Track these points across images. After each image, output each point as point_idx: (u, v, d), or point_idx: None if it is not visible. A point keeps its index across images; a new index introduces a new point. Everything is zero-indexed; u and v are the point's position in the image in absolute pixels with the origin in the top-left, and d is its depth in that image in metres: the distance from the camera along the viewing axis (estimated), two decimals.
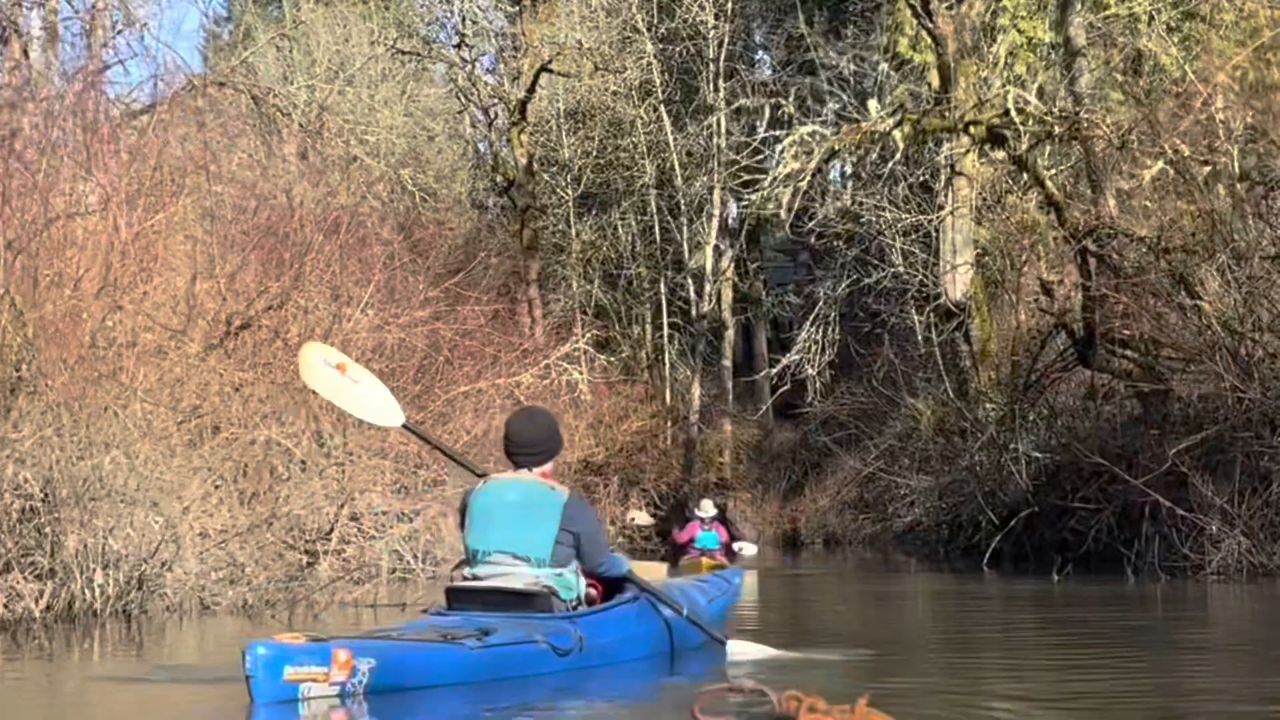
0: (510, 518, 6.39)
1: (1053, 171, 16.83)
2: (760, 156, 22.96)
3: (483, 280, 27.57)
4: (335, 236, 16.68)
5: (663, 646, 6.86)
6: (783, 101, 18.86)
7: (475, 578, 6.45)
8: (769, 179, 17.06)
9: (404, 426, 7.59)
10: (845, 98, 20.74)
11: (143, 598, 10.00)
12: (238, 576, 11.11)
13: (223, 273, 15.40)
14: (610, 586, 6.87)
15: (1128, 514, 15.16)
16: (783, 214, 17.20)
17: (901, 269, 24.06)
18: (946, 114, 15.78)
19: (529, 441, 6.63)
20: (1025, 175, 16.63)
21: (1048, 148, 18.08)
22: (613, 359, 27.43)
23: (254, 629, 9.49)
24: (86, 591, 9.73)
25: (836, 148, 15.77)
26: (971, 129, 15.67)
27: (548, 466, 6.68)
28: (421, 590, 13.15)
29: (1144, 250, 15.17)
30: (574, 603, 6.49)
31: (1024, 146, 15.20)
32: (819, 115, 20.08)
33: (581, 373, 17.79)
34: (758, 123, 24.97)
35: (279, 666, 5.22)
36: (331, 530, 14.64)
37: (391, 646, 5.67)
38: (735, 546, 20.48)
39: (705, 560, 18.68)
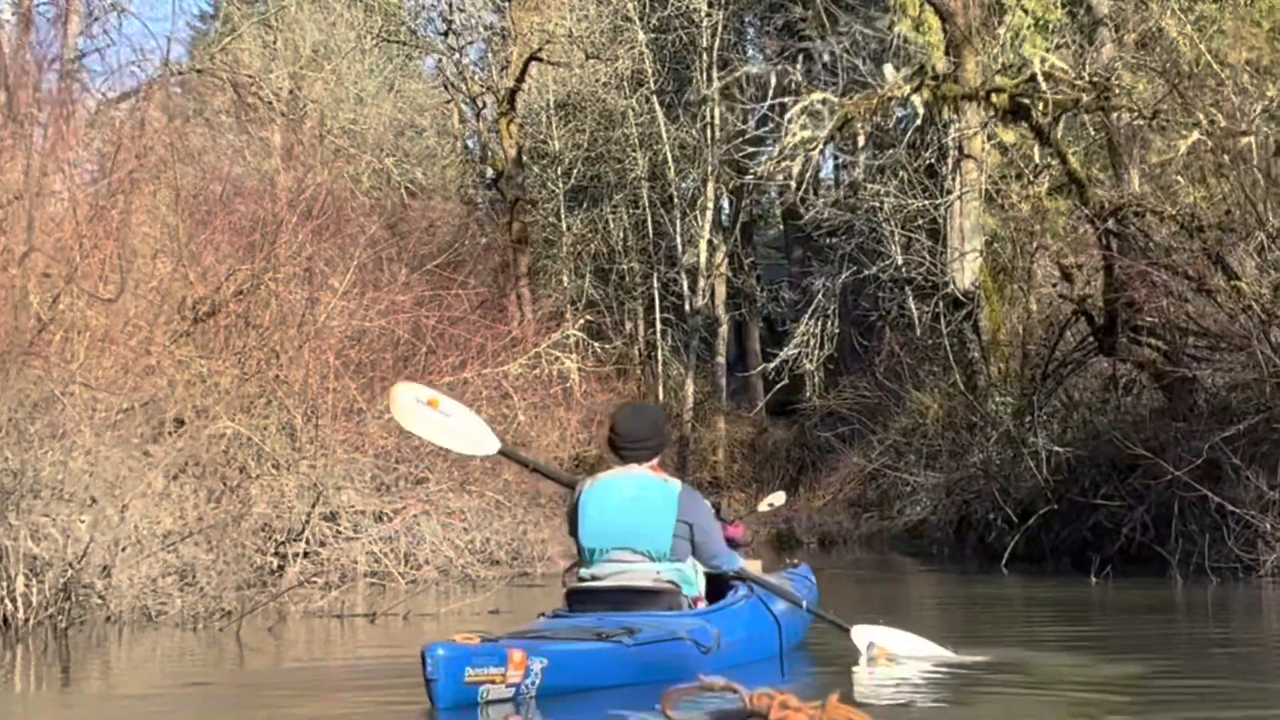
0: (626, 513, 6.13)
1: (1070, 150, 15.41)
2: (765, 128, 21.28)
3: (470, 274, 26.31)
4: (311, 218, 15.25)
5: (776, 644, 6.52)
6: (790, 69, 17.42)
7: (595, 577, 6.18)
8: (777, 149, 15.64)
9: (500, 452, 7.27)
10: (860, 63, 19.23)
11: (72, 608, 8.56)
12: (190, 583, 9.68)
13: (187, 252, 13.96)
14: (713, 584, 6.55)
15: (1162, 511, 13.79)
16: (792, 185, 15.80)
17: (899, 260, 22.66)
18: (969, 79, 14.41)
19: (638, 436, 6.31)
20: (1046, 150, 15.24)
21: (1061, 126, 16.66)
22: (607, 347, 25.96)
23: (204, 644, 8.08)
24: (8, 601, 8.30)
25: (851, 115, 14.41)
26: (994, 96, 14.29)
27: (655, 462, 6.36)
28: (401, 597, 11.74)
29: (1175, 229, 13.77)
30: (696, 598, 6.27)
31: (1048, 117, 13.78)
32: (832, 84, 18.53)
33: (573, 361, 16.34)
34: (751, 113, 23.55)
35: (460, 669, 4.97)
36: (303, 531, 13.21)
37: (560, 646, 5.36)
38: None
39: None
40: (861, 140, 17.07)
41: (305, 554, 13.60)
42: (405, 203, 27.07)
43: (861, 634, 6.61)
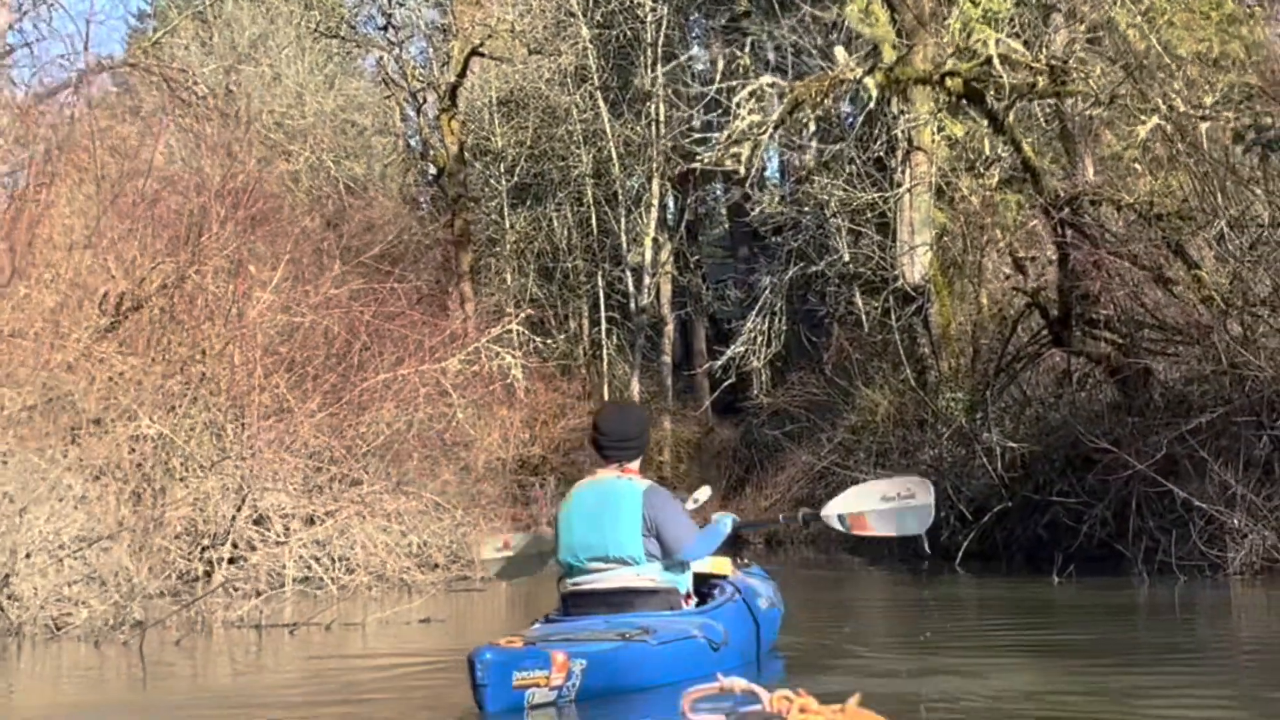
0: (592, 524, 6.01)
1: (1026, 140, 14.87)
2: (715, 113, 20.48)
3: (411, 271, 25.54)
4: (239, 209, 14.48)
5: (759, 641, 6.49)
6: (738, 53, 16.77)
7: (577, 584, 6.06)
8: (724, 135, 14.99)
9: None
10: (810, 46, 18.55)
11: None
12: (100, 592, 8.92)
13: (107, 244, 13.18)
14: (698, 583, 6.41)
15: (1121, 508, 13.28)
16: (741, 171, 15.17)
17: (846, 256, 22.09)
18: (921, 65, 13.82)
19: (621, 435, 6.19)
20: (1000, 138, 14.71)
21: (1012, 116, 16.11)
22: (549, 341, 25.22)
23: (103, 659, 7.35)
24: None
25: (801, 98, 13.80)
26: (949, 81, 13.71)
27: (635, 463, 6.23)
28: (334, 603, 11.02)
29: (1133, 218, 13.26)
30: (687, 595, 6.16)
31: (1003, 102, 13.22)
32: (780, 70, 17.79)
33: (515, 357, 15.63)
34: (698, 99, 22.87)
35: (508, 673, 4.87)
36: (228, 535, 12.46)
37: (595, 647, 5.25)
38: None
39: None
40: (812, 126, 16.44)
41: (232, 560, 12.87)
42: (345, 201, 26.26)
43: (830, 513, 6.68)
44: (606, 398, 29.79)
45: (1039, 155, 14.56)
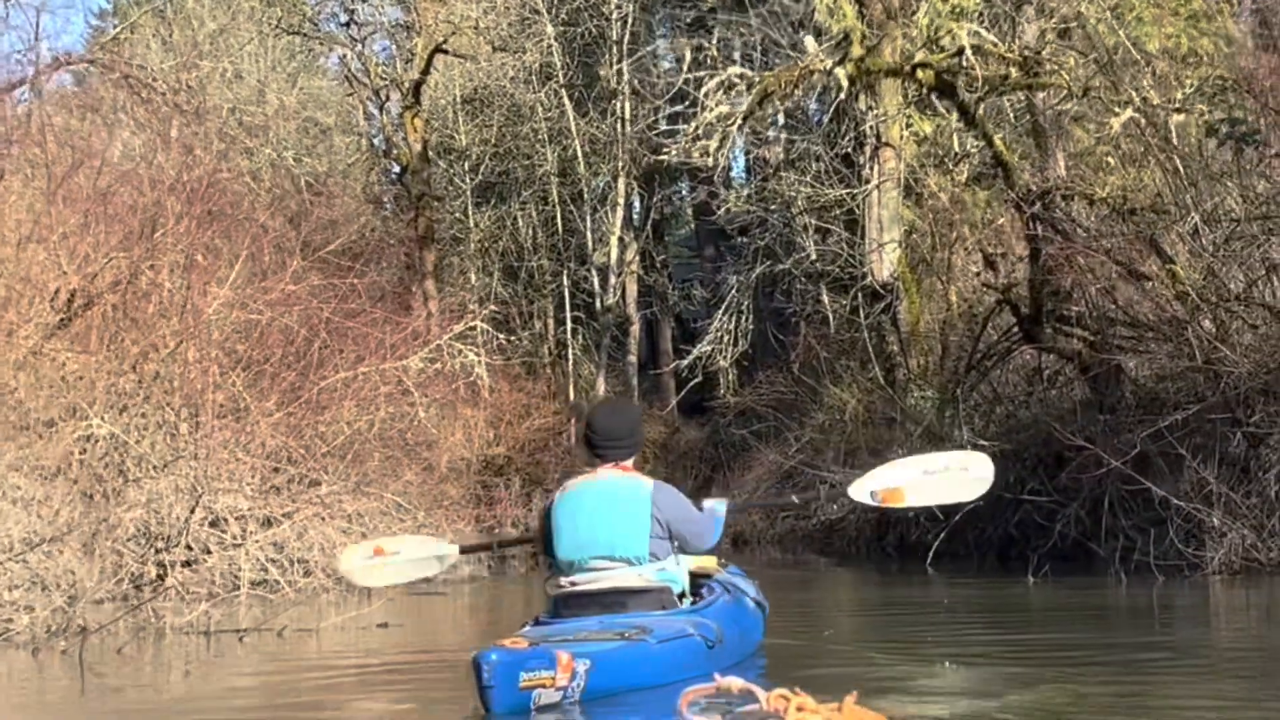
0: (598, 521, 5.85)
1: (998, 135, 14.57)
2: (681, 104, 19.96)
3: (372, 268, 25.09)
4: (194, 204, 14.05)
5: (754, 638, 6.43)
6: (705, 44, 16.40)
7: (574, 584, 5.89)
8: (693, 126, 14.64)
9: (462, 551, 7.23)
10: (780, 37, 18.13)
11: None
12: (44, 597, 8.50)
13: (58, 239, 12.74)
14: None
15: (1094, 506, 13.02)
16: (709, 163, 14.83)
17: (813, 253, 21.78)
18: (890, 57, 13.49)
19: (615, 434, 6.02)
20: (970, 131, 14.43)
21: (982, 110, 15.82)
22: (512, 339, 24.78)
23: (36, 666, 6.94)
24: None
25: (770, 88, 13.46)
26: (920, 73, 13.41)
27: (629, 462, 6.06)
28: (290, 608, 10.61)
29: (1106, 212, 13.00)
30: (682, 594, 6.01)
31: (975, 94, 12.92)
32: (748, 63, 17.34)
33: (478, 355, 15.21)
34: (665, 91, 22.50)
35: (515, 674, 4.76)
36: (182, 536, 12.03)
37: (598, 647, 5.13)
38: None
39: None
40: (780, 119, 16.10)
41: (188, 563, 12.45)
42: (308, 199, 25.77)
43: (859, 488, 6.58)
44: (572, 398, 29.43)
45: (1010, 150, 14.28)
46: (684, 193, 36.75)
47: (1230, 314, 12.83)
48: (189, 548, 12.41)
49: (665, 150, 16.21)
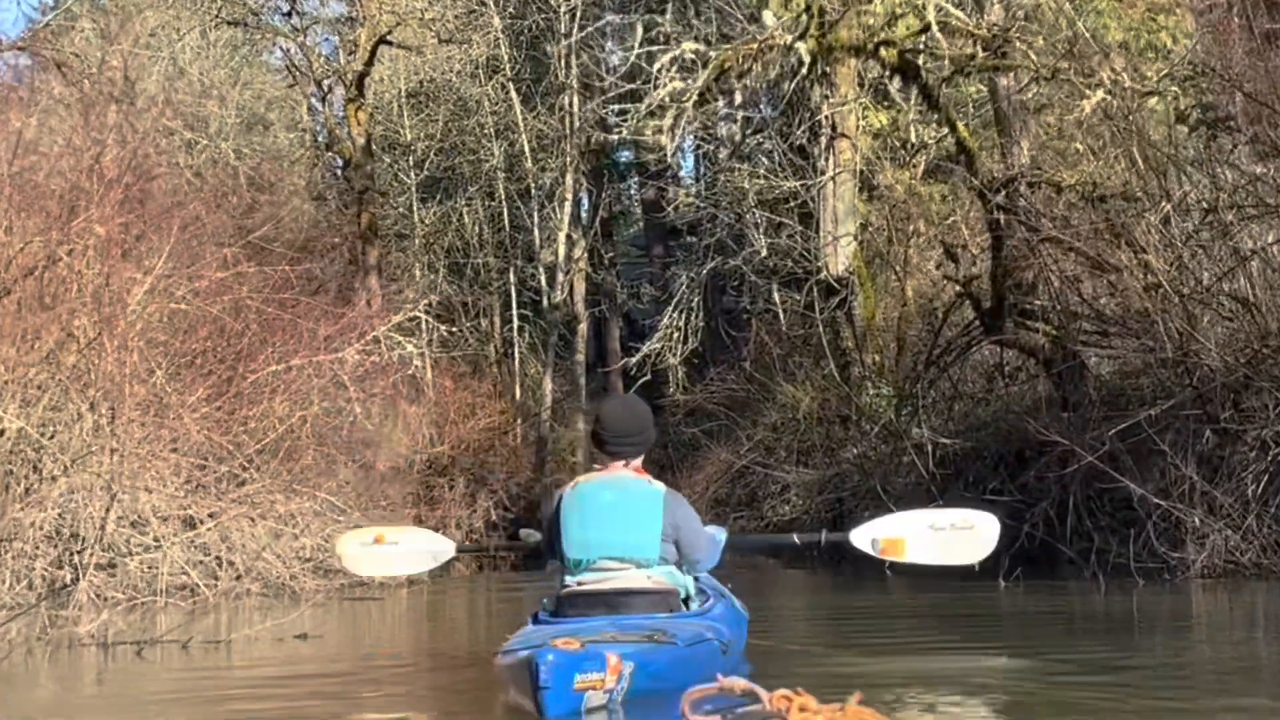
0: (611, 521, 5.66)
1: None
2: (637, 82, 18.91)
3: (317, 266, 24.13)
4: (115, 188, 13.08)
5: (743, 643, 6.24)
6: (659, 19, 15.52)
7: (581, 584, 5.68)
8: (645, 104, 13.79)
9: (459, 551, 7.19)
10: (736, 11, 17.17)
11: None
12: None
13: None
14: None
15: (1059, 507, 12.33)
16: (664, 140, 14.02)
17: (764, 250, 20.98)
18: (852, 35, 12.69)
19: (626, 431, 5.80)
20: (933, 115, 13.70)
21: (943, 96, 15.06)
22: (453, 330, 23.80)
23: None
24: None
25: (726, 64, 12.66)
26: (883, 50, 12.64)
27: (639, 460, 5.85)
28: (210, 615, 9.72)
29: (1075, 199, 12.30)
30: (687, 598, 5.85)
31: (940, 76, 12.18)
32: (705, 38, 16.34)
33: (419, 347, 14.31)
34: (616, 69, 21.61)
35: (570, 676, 4.60)
36: (97, 538, 11.08)
37: (638, 649, 4.95)
38: None
39: None
40: (738, 98, 15.26)
41: (111, 566, 11.51)
42: (247, 193, 24.73)
43: (861, 535, 6.43)
44: (518, 397, 28.57)
45: (973, 138, 13.55)
46: (633, 190, 35.98)
47: (1203, 306, 12.19)
48: (108, 549, 11.49)
49: (616, 130, 15.30)
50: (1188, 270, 12.40)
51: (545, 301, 28.51)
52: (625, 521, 5.63)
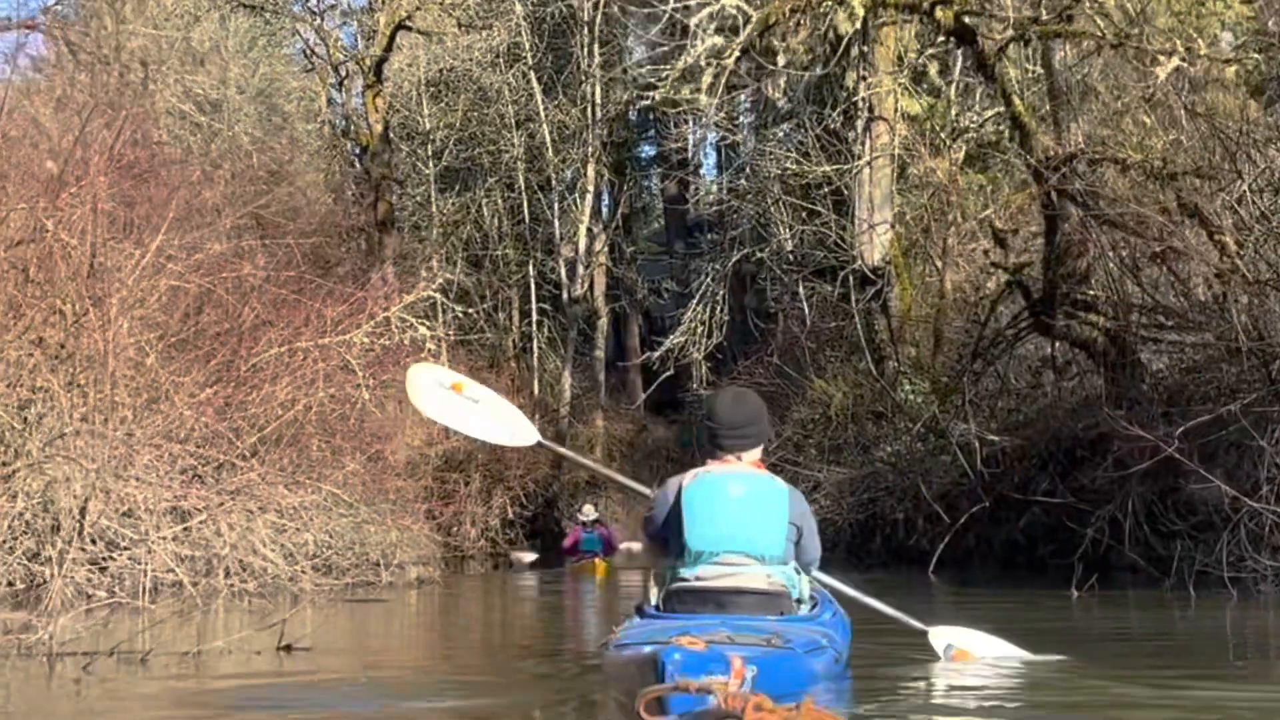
0: (739, 514, 5.23)
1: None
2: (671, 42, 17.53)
3: (333, 256, 23.05)
4: (110, 158, 11.98)
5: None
6: None
7: (699, 578, 5.26)
8: (681, 60, 12.61)
9: (539, 444, 6.74)
10: None
11: None
12: None
13: None
14: None
15: (1122, 509, 11.14)
16: (703, 100, 12.87)
17: (787, 240, 19.80)
18: None
19: (739, 423, 5.37)
20: (990, 85, 12.52)
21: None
22: (470, 311, 22.60)
23: None
24: None
25: (773, 18, 11.51)
26: (939, 11, 11.48)
27: (758, 454, 5.45)
28: (196, 620, 8.57)
29: (1141, 178, 11.11)
30: (799, 601, 5.38)
31: (998, 42, 11.00)
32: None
33: (429, 327, 13.15)
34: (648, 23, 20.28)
35: (696, 677, 3.98)
36: (81, 531, 9.95)
37: (757, 653, 4.46)
38: (623, 546, 18.66)
39: (598, 563, 16.34)
40: (781, 60, 14.06)
41: (93, 562, 10.38)
42: (264, 185, 23.63)
43: (939, 636, 6.11)
44: (536, 393, 27.44)
45: (1029, 112, 12.36)
46: (654, 187, 34.85)
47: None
48: (92, 543, 10.37)
49: (650, 94, 14.12)
50: (1261, 254, 11.22)
51: (565, 295, 27.39)
52: (754, 516, 5.23)
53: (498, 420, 6.45)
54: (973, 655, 5.97)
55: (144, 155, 12.93)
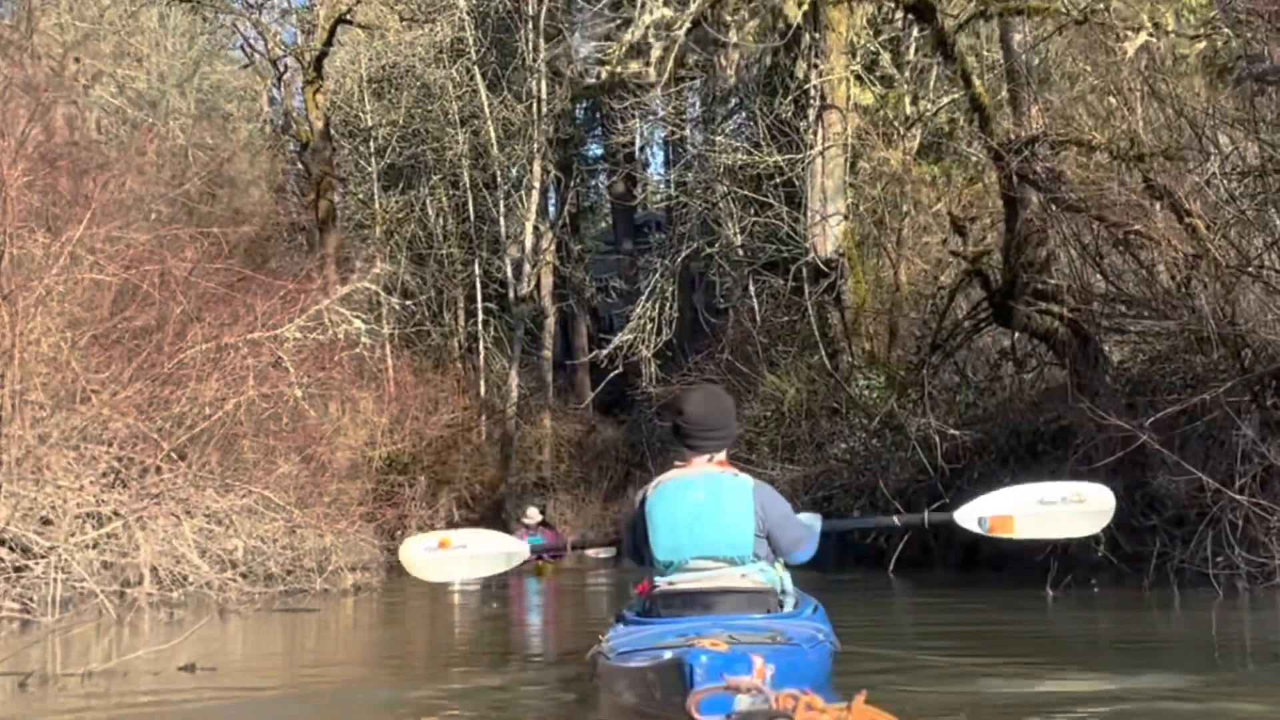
0: (699, 519, 5.17)
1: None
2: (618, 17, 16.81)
3: (273, 257, 22.29)
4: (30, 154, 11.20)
5: None
6: None
7: (672, 584, 5.20)
8: (629, 32, 11.96)
9: (533, 550, 6.75)
10: None
11: None
12: None
13: None
14: None
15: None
16: (652, 74, 12.25)
17: (736, 234, 19.18)
18: None
19: (710, 424, 5.26)
20: (949, 64, 11.97)
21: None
22: (408, 303, 21.84)
23: None
24: None
25: None
26: None
27: (723, 454, 5.31)
28: (113, 628, 7.84)
29: (1107, 160, 10.59)
30: (783, 595, 5.29)
31: (958, 19, 10.46)
32: None
33: (369, 324, 12.42)
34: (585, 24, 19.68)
35: (720, 678, 4.03)
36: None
37: (775, 651, 4.41)
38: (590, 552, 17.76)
39: (544, 565, 15.93)
40: (733, 35, 13.45)
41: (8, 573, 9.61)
42: (204, 184, 22.77)
43: (967, 514, 5.99)
44: (483, 393, 26.73)
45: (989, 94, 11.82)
46: (601, 185, 34.21)
47: (1252, 278, 10.50)
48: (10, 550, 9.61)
49: (598, 71, 13.44)
50: (1229, 239, 10.72)
51: (511, 295, 26.69)
52: (716, 519, 5.12)
53: (489, 555, 6.45)
54: (1008, 519, 5.86)
55: (66, 145, 12.11)
